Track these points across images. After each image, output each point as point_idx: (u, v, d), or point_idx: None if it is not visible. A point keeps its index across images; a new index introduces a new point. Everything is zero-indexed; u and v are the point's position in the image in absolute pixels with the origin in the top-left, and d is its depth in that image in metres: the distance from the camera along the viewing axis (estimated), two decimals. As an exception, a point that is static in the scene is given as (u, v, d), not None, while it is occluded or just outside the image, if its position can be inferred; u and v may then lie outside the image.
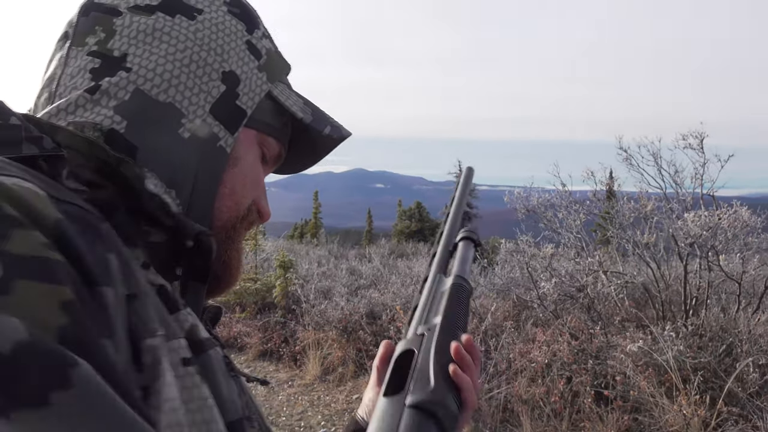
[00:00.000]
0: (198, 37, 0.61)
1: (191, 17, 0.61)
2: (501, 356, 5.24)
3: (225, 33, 0.63)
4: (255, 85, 0.64)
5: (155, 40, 0.59)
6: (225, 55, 0.62)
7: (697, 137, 5.85)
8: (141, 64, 0.58)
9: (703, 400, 4.10)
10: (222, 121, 0.61)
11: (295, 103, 0.68)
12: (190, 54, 0.60)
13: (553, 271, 5.98)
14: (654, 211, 5.65)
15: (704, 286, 5.19)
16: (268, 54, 0.67)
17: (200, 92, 0.60)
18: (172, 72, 0.59)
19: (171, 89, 0.58)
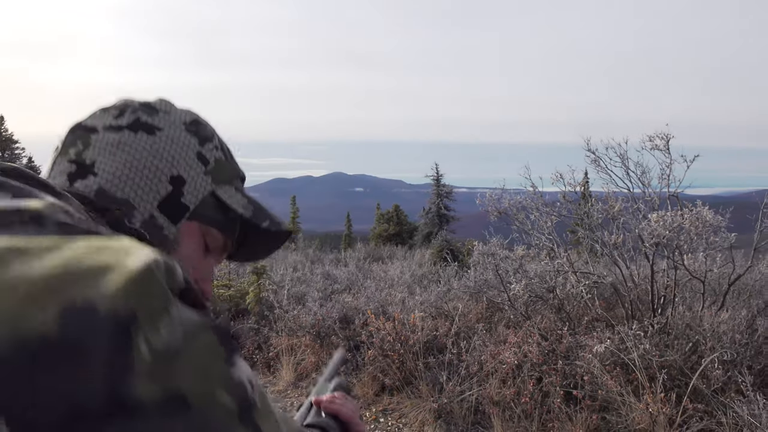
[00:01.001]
0: (154, 149, 0.75)
1: (151, 133, 0.75)
2: (472, 358, 5.26)
3: (178, 145, 0.77)
4: (199, 186, 0.77)
5: (118, 151, 0.73)
6: (174, 162, 0.75)
7: (663, 138, 5.93)
8: (105, 169, 0.72)
9: (669, 397, 4.16)
10: (167, 214, 0.74)
11: (238, 202, 0.81)
12: (144, 161, 0.73)
13: (523, 272, 6.02)
14: (621, 211, 5.72)
15: (672, 285, 5.27)
16: (216, 162, 0.80)
17: (150, 191, 0.73)
18: (128, 175, 0.72)
19: (126, 188, 0.72)
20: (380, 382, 5.65)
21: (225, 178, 0.81)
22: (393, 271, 9.72)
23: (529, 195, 6.62)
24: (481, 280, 6.79)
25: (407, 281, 8.76)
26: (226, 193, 0.80)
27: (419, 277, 9.35)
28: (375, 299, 7.05)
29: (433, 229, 23.86)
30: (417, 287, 7.96)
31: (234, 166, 0.84)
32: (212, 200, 0.78)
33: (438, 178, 26.14)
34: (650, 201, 5.77)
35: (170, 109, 0.81)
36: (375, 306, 6.64)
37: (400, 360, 5.55)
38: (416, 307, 6.51)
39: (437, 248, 13.65)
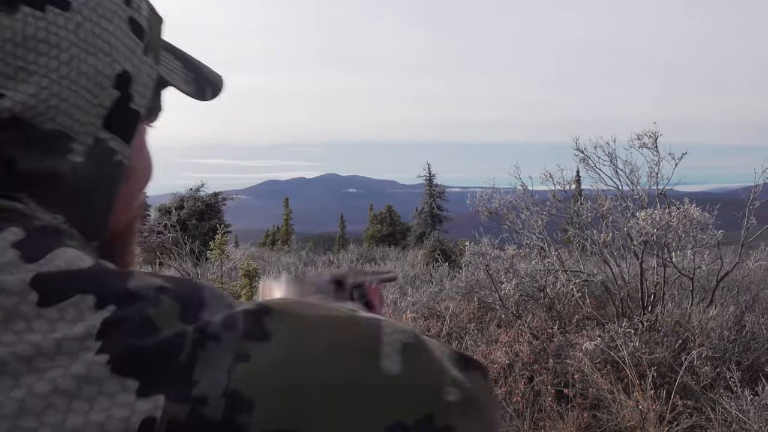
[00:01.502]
0: (81, 37, 0.49)
1: (65, 6, 0.48)
2: (464, 358, 5.28)
3: (107, 19, 0.51)
4: (146, 76, 0.56)
5: (30, 53, 0.46)
6: (114, 52, 0.51)
7: (651, 136, 5.98)
8: (17, 89, 0.46)
9: (659, 394, 4.20)
10: (117, 132, 0.53)
11: (179, 75, 0.61)
12: (77, 65, 0.48)
13: (514, 272, 6.05)
14: (610, 210, 5.76)
15: (661, 282, 5.32)
16: (149, 24, 0.56)
17: (92, 107, 0.50)
18: (59, 94, 0.47)
19: (60, 116, 0.48)
20: (373, 384, 5.66)
21: (159, 44, 0.59)
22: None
23: (519, 194, 6.66)
24: (473, 280, 6.82)
25: (399, 282, 8.78)
26: (168, 71, 0.60)
27: (412, 277, 9.37)
28: (367, 300, 7.06)
29: (426, 229, 23.91)
30: (409, 288, 7.99)
31: (156, 13, 0.59)
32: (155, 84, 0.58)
33: (430, 178, 26.20)
34: (639, 199, 5.82)
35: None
36: (367, 307, 6.66)
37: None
38: (408, 308, 6.53)
39: (430, 248, 13.69)
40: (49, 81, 0.47)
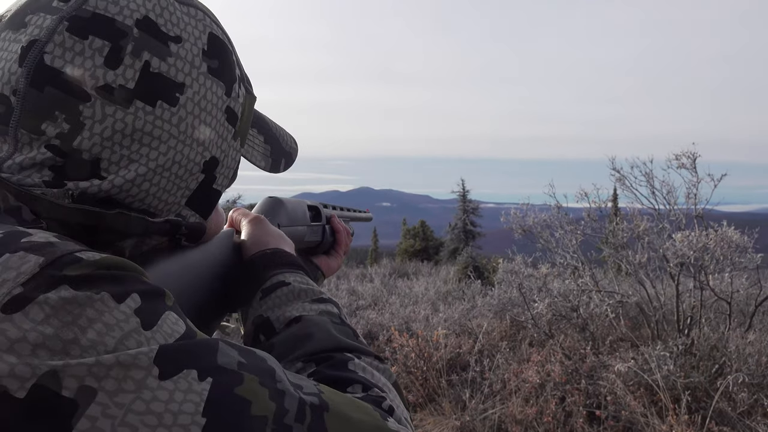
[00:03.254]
0: (181, 131, 0.53)
1: (173, 101, 0.52)
2: (496, 376, 5.27)
3: (207, 111, 0.55)
4: (231, 160, 0.61)
5: (135, 143, 0.51)
6: (207, 141, 0.56)
7: (689, 157, 5.91)
8: (118, 174, 0.51)
9: (694, 420, 4.13)
10: (197, 209, 0.59)
11: (258, 152, 0.67)
12: (173, 156, 0.53)
13: (547, 291, 6.03)
14: (647, 230, 5.70)
15: (697, 305, 5.23)
16: (242, 109, 0.61)
17: (178, 190, 0.56)
18: (152, 181, 0.52)
19: (148, 198, 0.53)
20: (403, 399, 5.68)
21: (249, 124, 0.64)
22: (418, 288, 9.76)
23: (553, 213, 6.64)
24: (505, 298, 6.80)
25: (432, 298, 8.79)
26: (251, 149, 0.66)
27: (444, 293, 9.37)
28: (399, 315, 7.11)
29: (458, 245, 23.82)
30: (441, 304, 8.00)
31: (252, 94, 0.65)
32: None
33: (464, 193, 26.13)
34: (676, 220, 5.75)
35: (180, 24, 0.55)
36: (399, 322, 6.70)
37: (423, 377, 5.59)
38: (440, 324, 6.55)
39: (462, 265, 13.66)
40: (146, 169, 0.52)
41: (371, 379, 0.56)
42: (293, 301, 0.66)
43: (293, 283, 0.68)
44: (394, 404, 0.53)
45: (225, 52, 0.58)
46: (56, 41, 0.49)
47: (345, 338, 0.62)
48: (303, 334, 0.60)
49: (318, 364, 0.57)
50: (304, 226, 0.99)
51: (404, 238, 27.32)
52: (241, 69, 0.61)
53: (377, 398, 0.53)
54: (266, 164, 0.69)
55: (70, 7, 0.50)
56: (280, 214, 0.92)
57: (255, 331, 0.65)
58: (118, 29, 0.50)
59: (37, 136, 0.49)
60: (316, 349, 0.58)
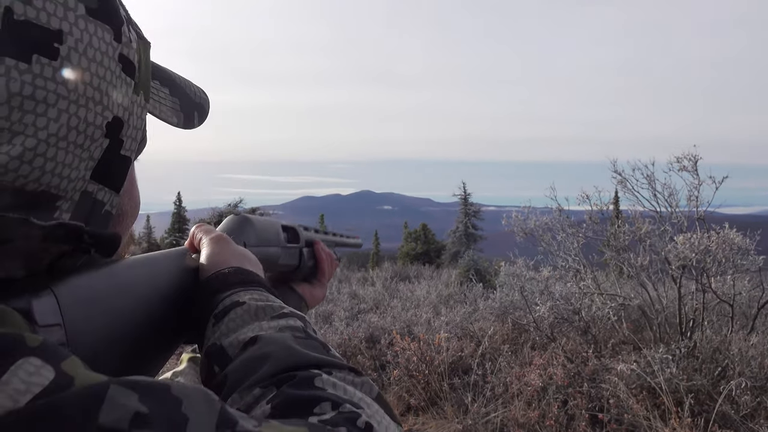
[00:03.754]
0: (71, 89, 0.44)
1: (53, 54, 0.42)
2: (498, 380, 5.26)
3: (96, 61, 0.46)
4: (137, 118, 0.52)
5: (14, 111, 0.41)
6: (104, 98, 0.47)
7: (691, 159, 5.91)
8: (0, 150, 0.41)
9: (697, 423, 4.12)
10: (106, 182, 0.50)
11: (167, 106, 0.59)
12: (66, 120, 0.44)
13: (549, 294, 6.02)
14: (648, 233, 5.70)
15: (700, 308, 5.22)
16: (139, 55, 0.52)
17: (81, 161, 0.47)
18: (46, 154, 0.43)
19: (45, 176, 0.44)
20: (405, 402, 5.67)
21: (149, 75, 0.54)
22: (419, 291, 9.76)
23: (554, 216, 6.64)
24: (507, 301, 6.79)
25: (433, 301, 8.79)
26: (157, 106, 0.57)
27: (446, 297, 9.37)
28: (401, 319, 7.10)
29: (460, 248, 23.83)
30: (443, 307, 7.99)
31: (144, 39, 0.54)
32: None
33: (466, 196, 26.15)
34: (678, 223, 5.74)
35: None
36: (401, 326, 6.69)
37: (425, 380, 5.58)
38: (442, 328, 6.54)
39: (464, 268, 13.65)
40: (35, 141, 0.42)
41: (343, 395, 0.49)
42: (250, 321, 0.57)
43: (248, 301, 0.60)
44: (373, 420, 0.46)
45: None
46: None
47: (311, 352, 0.54)
48: (259, 355, 0.52)
49: (279, 386, 0.49)
50: (276, 247, 0.90)
51: (406, 241, 27.34)
52: (125, 10, 0.52)
53: (350, 415, 0.46)
54: (178, 120, 0.59)
55: None
56: (247, 233, 0.83)
57: (209, 363, 0.56)
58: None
59: None
60: (275, 369, 0.50)
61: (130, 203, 0.58)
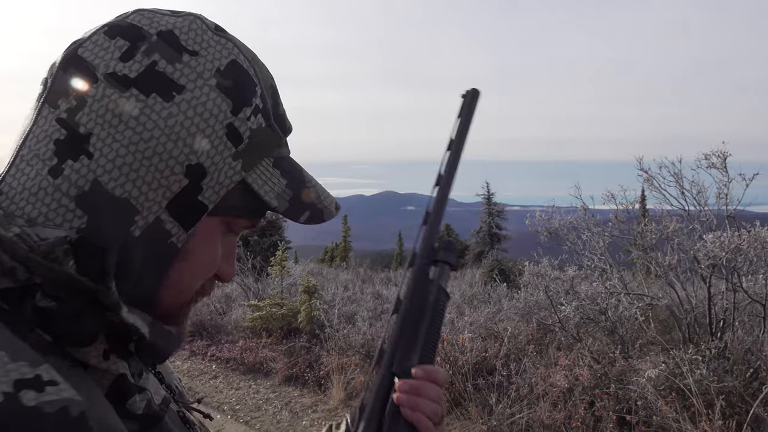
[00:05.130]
0: (168, 125, 0.56)
1: (168, 97, 0.56)
2: (523, 380, 5.21)
3: (203, 118, 0.57)
4: (224, 176, 0.59)
5: (121, 124, 0.55)
6: (195, 145, 0.57)
7: (720, 156, 5.78)
8: (102, 152, 0.55)
9: (728, 425, 4.02)
10: (178, 217, 0.58)
11: (273, 189, 0.63)
12: (154, 145, 0.55)
13: (574, 293, 5.94)
14: (676, 231, 5.59)
15: (731, 308, 5.10)
16: (252, 136, 0.61)
17: (159, 187, 0.56)
18: (132, 165, 0.55)
19: (128, 184, 0.55)
20: (429, 403, 5.65)
21: (261, 155, 0.63)
22: (443, 291, 9.72)
23: (579, 215, 6.55)
24: (532, 301, 6.72)
25: (457, 301, 8.74)
26: (260, 179, 0.62)
27: (469, 297, 9.31)
28: (424, 319, 7.07)
29: (484, 248, 23.70)
30: (467, 307, 7.94)
31: (275, 132, 0.64)
32: (240, 188, 0.61)
33: (489, 196, 26.01)
34: (707, 221, 5.62)
35: (203, 43, 0.60)
36: (424, 326, 6.66)
37: (448, 381, 5.55)
38: (465, 328, 6.50)
39: (488, 268, 13.56)
40: (126, 150, 0.55)
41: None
42: None
43: None
44: None
45: (244, 79, 0.61)
46: (92, 39, 0.58)
47: None
48: None
49: None
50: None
51: (429, 241, 27.26)
52: (265, 104, 0.63)
53: None
54: (280, 205, 0.63)
55: (114, 19, 0.60)
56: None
57: None
58: (141, 35, 0.58)
59: (53, 109, 0.56)
60: None
61: (205, 249, 0.62)
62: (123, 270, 0.55)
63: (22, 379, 0.44)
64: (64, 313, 0.51)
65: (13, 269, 0.50)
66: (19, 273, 0.50)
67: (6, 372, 0.44)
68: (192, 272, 0.62)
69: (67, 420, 0.44)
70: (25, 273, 0.50)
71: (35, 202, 0.54)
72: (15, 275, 0.50)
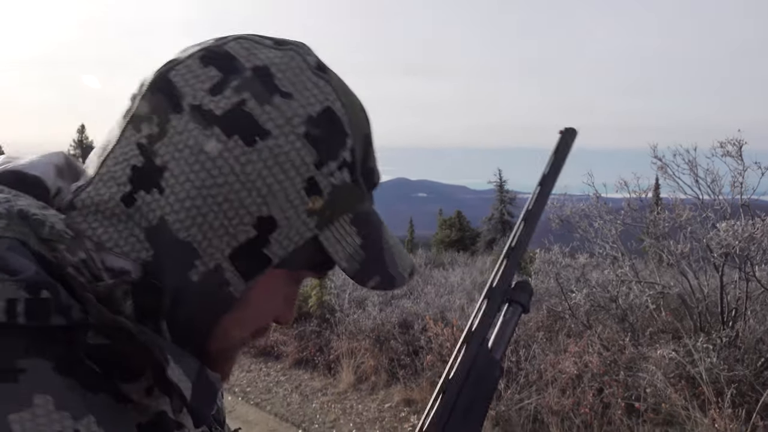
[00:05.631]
0: (245, 172, 0.52)
1: (250, 142, 0.52)
2: (532, 367, 5.22)
3: (283, 168, 0.53)
4: (295, 232, 0.55)
5: (197, 164, 0.52)
6: (269, 197, 0.53)
7: (735, 144, 5.73)
8: (173, 190, 0.52)
9: (738, 414, 4.01)
10: (239, 267, 0.54)
11: (345, 249, 0.57)
12: (227, 192, 0.52)
13: (585, 281, 5.94)
14: (689, 220, 5.55)
15: (743, 297, 5.08)
16: (332, 192, 0.56)
17: (225, 235, 0.53)
18: (200, 209, 0.52)
19: (194, 228, 0.52)
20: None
21: (339, 211, 0.57)
22: (453, 278, 9.72)
23: (592, 202, 6.52)
24: (542, 288, 6.71)
25: (467, 288, 8.75)
26: (333, 236, 0.57)
27: (480, 284, 9.31)
28: (434, 305, 7.10)
29: (495, 235, 23.65)
30: (477, 294, 7.95)
31: (358, 187, 0.59)
32: (311, 244, 0.56)
33: (501, 183, 25.91)
34: (721, 209, 5.58)
35: (298, 84, 0.55)
36: (434, 312, 6.69)
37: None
38: (475, 314, 6.51)
39: (499, 255, 13.54)
40: (196, 192, 0.52)
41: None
42: None
43: None
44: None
45: (335, 129, 0.55)
46: (186, 63, 0.54)
47: None
48: None
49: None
50: None
51: (440, 228, 27.26)
52: (354, 157, 0.57)
53: None
54: (349, 266, 0.58)
55: (212, 43, 0.56)
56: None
57: None
58: (235, 67, 0.54)
59: (136, 132, 0.53)
60: None
61: (259, 301, 0.58)
62: (174, 315, 0.54)
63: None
64: (115, 350, 0.50)
65: (69, 308, 0.47)
66: (74, 312, 0.48)
67: (50, 422, 0.43)
68: (245, 322, 0.59)
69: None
70: (80, 313, 0.48)
71: (108, 226, 0.52)
72: (70, 314, 0.47)
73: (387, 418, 5.48)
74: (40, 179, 0.55)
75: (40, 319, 0.46)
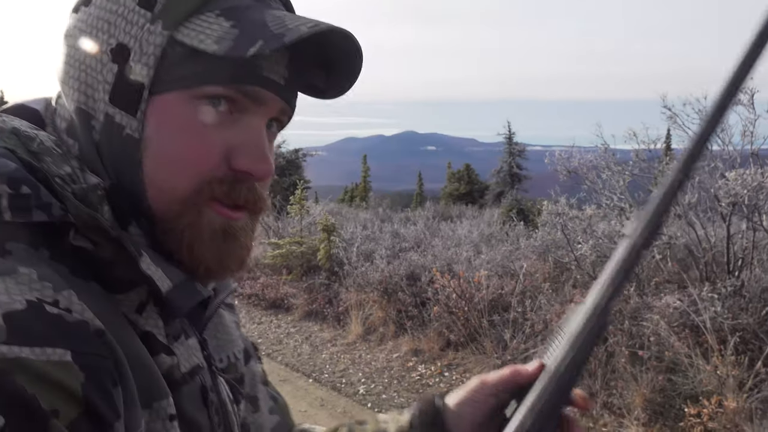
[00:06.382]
0: (89, 23, 0.57)
1: (87, 2, 0.57)
2: (537, 317, 5.29)
3: (114, 1, 0.56)
4: (146, 45, 0.54)
5: (63, 46, 0.59)
6: (111, 28, 0.55)
7: (747, 92, 5.62)
8: (65, 79, 0.58)
9: (741, 361, 4.07)
10: (121, 105, 0.55)
11: (210, 35, 0.53)
12: (84, 47, 0.57)
13: (591, 232, 5.94)
14: (698, 170, 5.51)
15: (750, 247, 5.07)
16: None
17: (98, 83, 0.55)
18: (73, 75, 0.57)
19: (75, 93, 0.57)
20: (446, 338, 5.78)
21: (188, 8, 0.55)
22: (461, 231, 9.76)
23: (600, 153, 6.46)
24: (549, 240, 6.74)
25: (475, 240, 8.79)
26: (194, 31, 0.54)
27: (487, 236, 9.35)
28: (441, 257, 7.15)
29: (504, 188, 23.58)
30: (484, 246, 8.00)
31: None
32: (181, 51, 0.54)
33: (510, 136, 25.67)
34: (730, 159, 5.52)
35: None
36: (441, 264, 6.74)
37: (464, 317, 5.65)
38: (482, 266, 6.56)
39: (507, 208, 13.55)
40: (67, 66, 0.58)
41: None
42: None
43: None
44: None
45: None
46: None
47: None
48: None
49: None
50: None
51: (449, 181, 27.19)
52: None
53: None
54: (219, 47, 0.52)
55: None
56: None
57: None
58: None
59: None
60: None
61: (162, 133, 0.55)
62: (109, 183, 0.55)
63: (42, 299, 0.44)
64: (99, 257, 0.51)
65: (49, 204, 0.49)
66: (54, 209, 0.49)
67: (30, 289, 0.44)
68: (164, 162, 0.55)
69: (86, 331, 0.45)
70: (59, 210, 0.50)
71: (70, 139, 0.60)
72: (50, 211, 0.49)
73: (395, 368, 5.60)
74: (38, 111, 0.60)
75: (23, 213, 0.48)
